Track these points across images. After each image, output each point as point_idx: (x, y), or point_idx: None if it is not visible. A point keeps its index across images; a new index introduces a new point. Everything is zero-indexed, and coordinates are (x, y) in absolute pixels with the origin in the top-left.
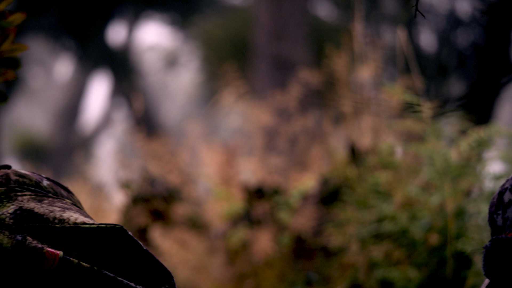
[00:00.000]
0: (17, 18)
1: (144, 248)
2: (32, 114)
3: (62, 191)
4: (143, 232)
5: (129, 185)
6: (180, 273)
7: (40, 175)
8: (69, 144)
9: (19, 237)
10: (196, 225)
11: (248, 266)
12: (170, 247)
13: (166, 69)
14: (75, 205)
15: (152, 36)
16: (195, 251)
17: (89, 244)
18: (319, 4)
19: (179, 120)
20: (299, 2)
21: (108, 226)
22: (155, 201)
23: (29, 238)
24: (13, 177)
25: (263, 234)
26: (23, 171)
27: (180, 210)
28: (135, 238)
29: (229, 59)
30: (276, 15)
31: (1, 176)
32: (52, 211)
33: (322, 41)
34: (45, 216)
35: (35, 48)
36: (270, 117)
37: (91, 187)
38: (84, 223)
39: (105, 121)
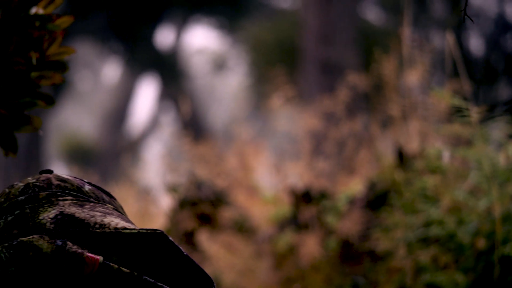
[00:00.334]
0: (64, 21)
1: (185, 253)
2: (79, 118)
3: (104, 196)
4: (190, 236)
5: (176, 188)
6: (226, 277)
7: (82, 180)
8: (116, 148)
9: (59, 242)
10: (243, 229)
11: (295, 270)
12: (217, 251)
13: (214, 73)
14: (116, 210)
15: (200, 39)
16: (242, 255)
17: (129, 249)
18: (368, 7)
19: (227, 124)
20: (348, 6)
21: (149, 231)
22: (202, 205)
23: (69, 243)
24: (55, 182)
25: (310, 238)
26: (64, 176)
27: (227, 214)
28: (176, 244)
29: (277, 63)
30: (325, 19)
31: (43, 180)
32: (93, 216)
33: (370, 44)
34: (86, 221)
35: (83, 51)
36: (318, 121)
37: (138, 190)
38: (125, 228)
39: (153, 125)
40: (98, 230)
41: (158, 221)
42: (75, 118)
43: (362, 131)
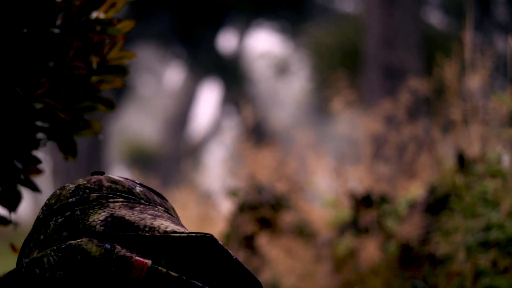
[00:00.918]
0: (125, 25)
1: (234, 257)
2: (141, 122)
3: (155, 197)
4: (249, 240)
5: (236, 193)
6: (286, 281)
7: (133, 181)
8: (177, 152)
9: (108, 246)
10: (303, 233)
11: (354, 274)
12: (277, 255)
13: (276, 77)
14: (167, 212)
15: (263, 43)
16: (301, 259)
17: (178, 253)
18: (430, 11)
19: (289, 128)
20: (411, 10)
21: (198, 235)
22: (263, 209)
23: (118, 247)
24: (106, 184)
25: (369, 242)
26: (116, 177)
27: (287, 218)
28: (225, 248)
29: (339, 67)
30: (388, 23)
31: (94, 182)
32: (143, 219)
33: (432, 48)
34: (135, 224)
35: (146, 55)
36: (379, 125)
37: (199, 195)
38: (174, 232)
39: (215, 129)
40: (147, 234)
41: (218, 225)
42: (137, 122)
43: (423, 135)
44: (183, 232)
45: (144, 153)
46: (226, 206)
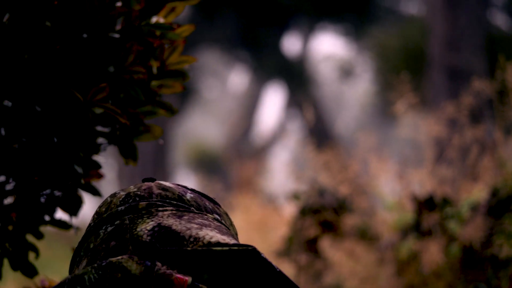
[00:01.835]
0: (185, 30)
1: (278, 269)
2: (206, 125)
3: (207, 203)
4: (312, 243)
5: (299, 196)
6: (349, 284)
7: (184, 188)
8: (242, 155)
9: (148, 263)
10: (366, 236)
11: (417, 277)
12: (339, 258)
13: (340, 80)
14: (217, 219)
15: (327, 46)
16: (364, 262)
17: (221, 266)
18: (495, 13)
19: (353, 130)
20: (476, 11)
21: (240, 248)
22: (325, 212)
23: (158, 264)
24: (156, 191)
25: (432, 245)
26: (167, 184)
27: (349, 221)
28: (269, 260)
29: (404, 69)
30: (452, 25)
31: (145, 190)
32: (189, 229)
33: (496, 50)
34: (181, 234)
35: (210, 59)
36: (442, 128)
37: (262, 198)
38: (218, 243)
39: (279, 132)
40: (191, 244)
41: (280, 228)
42: (202, 126)
43: (486, 137)
44: (226, 245)
45: (209, 157)
46: (288, 210)
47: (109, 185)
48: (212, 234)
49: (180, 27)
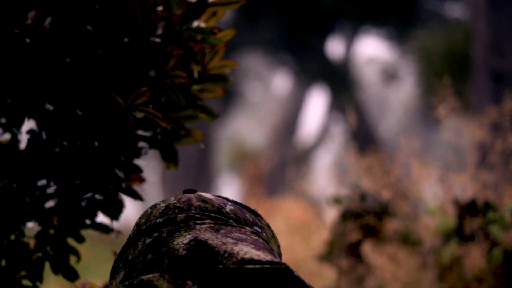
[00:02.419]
0: (226, 34)
1: (310, 287)
2: (249, 128)
3: (248, 215)
4: (354, 248)
5: (341, 200)
6: None
7: (225, 199)
8: (285, 159)
9: (179, 282)
10: (408, 240)
11: (459, 282)
12: (381, 262)
13: (384, 83)
14: (257, 232)
15: (370, 49)
16: (406, 266)
17: (253, 284)
18: None
19: (396, 134)
20: None
21: (273, 266)
22: (367, 217)
23: (189, 283)
24: (195, 203)
25: (474, 250)
26: (207, 196)
27: (392, 226)
28: (302, 278)
29: (447, 72)
30: (496, 28)
31: (184, 201)
32: (224, 243)
33: None
34: (216, 249)
35: (254, 62)
36: (485, 132)
37: (305, 202)
38: (251, 260)
39: (323, 136)
40: (226, 260)
41: (322, 233)
42: (245, 129)
43: None
44: (259, 262)
45: (252, 160)
46: (330, 214)
47: (153, 188)
48: (246, 250)
49: (221, 31)
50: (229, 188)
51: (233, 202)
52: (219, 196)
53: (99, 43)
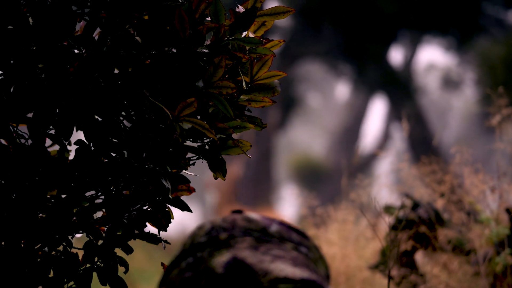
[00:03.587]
0: (275, 44)
1: None
2: (309, 137)
3: (294, 236)
4: (407, 257)
5: (393, 209)
6: None
7: (271, 220)
8: (346, 167)
9: None
10: (461, 249)
11: None
12: (435, 271)
13: (444, 91)
14: (301, 252)
15: (431, 57)
16: (460, 275)
17: None
18: None
19: (456, 142)
20: None
21: (306, 286)
22: (421, 226)
23: None
24: (240, 223)
25: None
26: (253, 216)
27: (445, 235)
28: None
29: (508, 80)
30: None
31: (229, 222)
32: (262, 261)
33: None
34: (252, 267)
35: (314, 71)
36: None
37: (360, 211)
38: (285, 278)
39: (382, 144)
40: (261, 277)
41: (375, 242)
42: (306, 138)
43: None
44: (292, 281)
45: (313, 169)
46: (385, 223)
47: (212, 197)
48: (282, 267)
49: (270, 41)
50: (290, 194)
51: (281, 222)
52: (265, 217)
53: (148, 54)
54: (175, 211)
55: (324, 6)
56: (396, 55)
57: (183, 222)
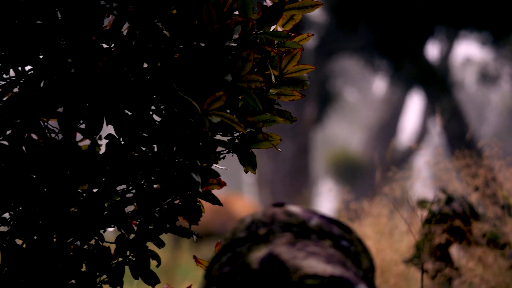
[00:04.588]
0: (303, 38)
1: None
2: (347, 132)
3: (335, 229)
4: (442, 251)
5: (426, 203)
6: None
7: (313, 213)
8: (383, 162)
9: None
10: (496, 243)
11: None
12: (469, 265)
13: (481, 86)
14: (338, 245)
15: (467, 52)
16: (494, 269)
17: None
18: None
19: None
20: None
21: (332, 281)
22: (455, 220)
23: None
24: (279, 217)
25: None
26: (293, 209)
27: (479, 229)
28: None
29: None
30: None
31: (269, 216)
32: (295, 257)
33: None
34: (285, 263)
35: (351, 67)
36: None
37: (395, 206)
38: (314, 275)
39: (420, 139)
40: (292, 273)
41: (410, 236)
42: (343, 132)
43: None
44: (320, 277)
45: (350, 163)
46: (419, 217)
47: (250, 190)
48: (314, 264)
49: (298, 35)
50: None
51: (322, 216)
52: (306, 210)
53: (176, 48)
54: None
55: (360, 1)
56: (432, 50)
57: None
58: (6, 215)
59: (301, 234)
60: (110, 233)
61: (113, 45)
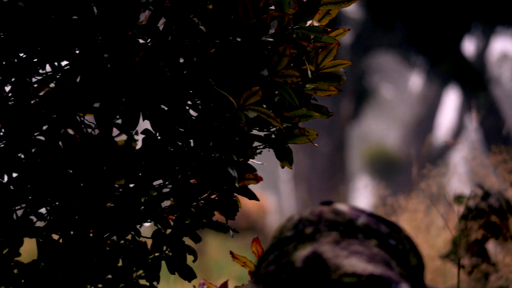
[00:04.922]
0: (339, 33)
1: None
2: (383, 128)
3: (382, 228)
4: (478, 246)
5: (462, 199)
6: None
7: (360, 211)
8: (419, 158)
9: None
10: None
11: None
12: (506, 260)
13: None
14: (384, 244)
15: (504, 49)
16: None
17: None
18: None
19: None
20: None
21: (370, 280)
22: (492, 216)
23: None
24: (326, 216)
25: None
26: (341, 208)
27: None
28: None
29: None
30: None
31: (316, 214)
32: (337, 256)
33: None
34: (327, 262)
35: (387, 63)
36: None
37: (431, 202)
38: (353, 274)
39: (456, 135)
40: (333, 272)
41: (446, 231)
42: (379, 128)
43: None
44: (359, 275)
45: (387, 160)
46: (456, 212)
47: (285, 185)
48: (354, 263)
49: (335, 30)
50: (363, 185)
51: (370, 214)
52: (354, 208)
53: (212, 43)
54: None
55: None
56: (469, 46)
57: None
58: (43, 210)
59: (347, 233)
60: (147, 228)
61: (149, 40)
